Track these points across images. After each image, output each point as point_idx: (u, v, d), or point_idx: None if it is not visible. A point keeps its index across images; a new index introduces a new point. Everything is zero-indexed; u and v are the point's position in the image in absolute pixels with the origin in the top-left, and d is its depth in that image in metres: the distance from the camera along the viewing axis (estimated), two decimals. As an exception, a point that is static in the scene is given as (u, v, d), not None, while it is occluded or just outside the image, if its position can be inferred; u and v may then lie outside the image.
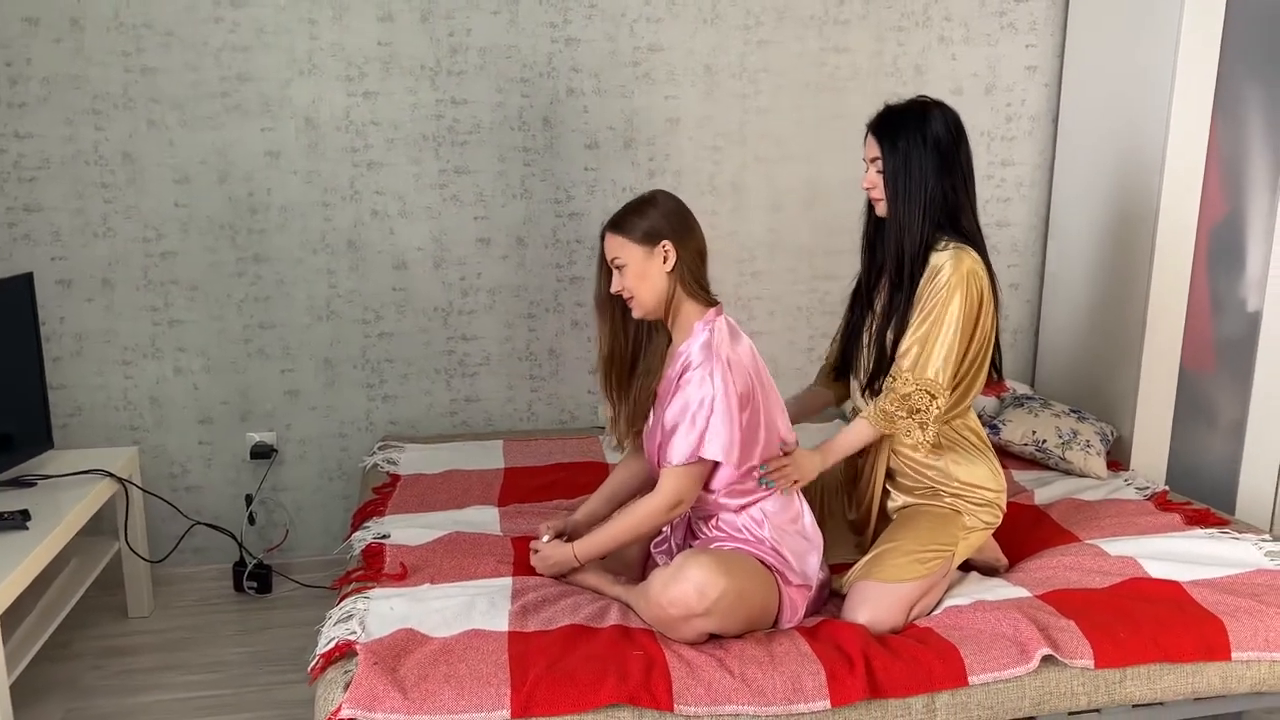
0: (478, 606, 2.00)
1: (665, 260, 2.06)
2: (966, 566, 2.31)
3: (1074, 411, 3.02)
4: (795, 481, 2.12)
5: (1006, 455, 2.99)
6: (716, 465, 2.07)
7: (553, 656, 1.83)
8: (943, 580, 2.15)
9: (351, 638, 1.88)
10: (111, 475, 2.72)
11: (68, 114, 2.91)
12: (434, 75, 3.07)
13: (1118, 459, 3.05)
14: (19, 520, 2.35)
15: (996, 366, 2.30)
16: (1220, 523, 2.49)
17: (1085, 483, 2.81)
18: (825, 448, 2.20)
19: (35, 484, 2.62)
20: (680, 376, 2.06)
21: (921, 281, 2.16)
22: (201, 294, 3.07)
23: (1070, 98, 3.34)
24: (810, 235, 3.37)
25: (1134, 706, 2.00)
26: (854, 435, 2.21)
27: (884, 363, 2.22)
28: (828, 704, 1.81)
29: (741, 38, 3.20)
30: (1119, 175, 3.10)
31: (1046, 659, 1.92)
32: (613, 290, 2.12)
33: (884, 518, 2.33)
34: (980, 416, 3.12)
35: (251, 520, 3.21)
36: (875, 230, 2.31)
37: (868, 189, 2.24)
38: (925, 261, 2.16)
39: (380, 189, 3.10)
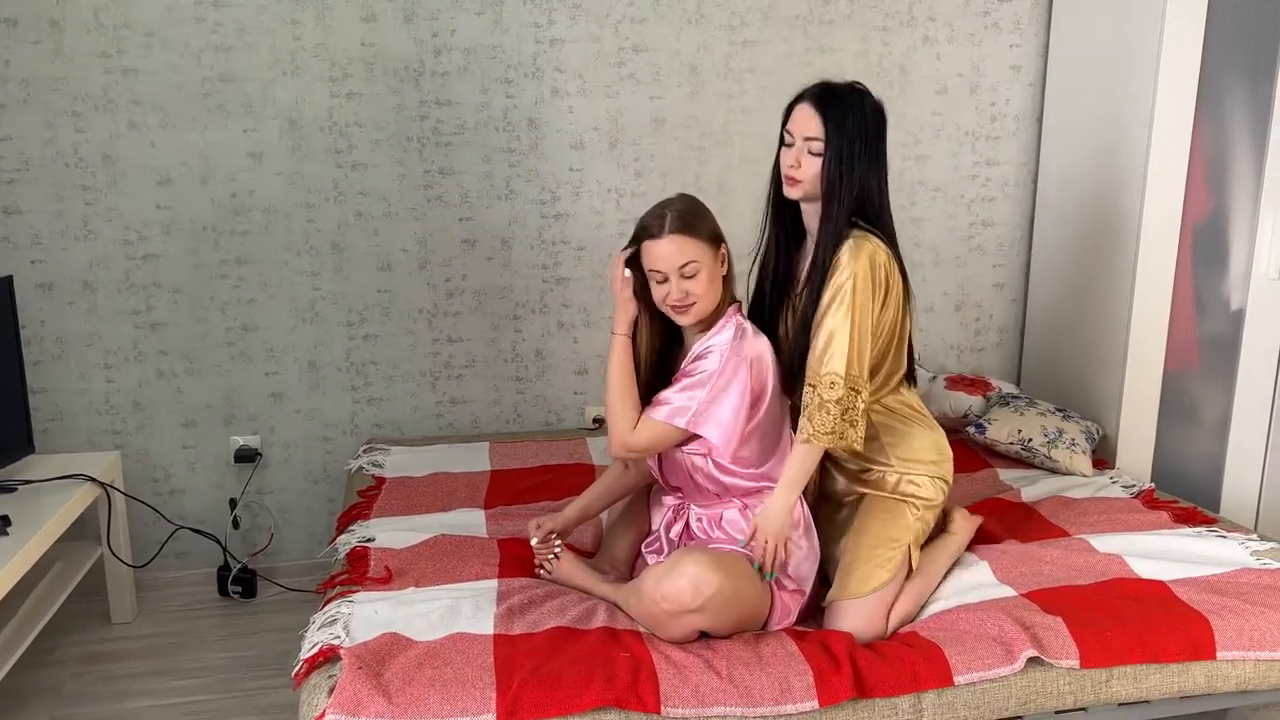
0: (463, 609, 1.99)
1: (723, 263, 2.05)
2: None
3: (1059, 410, 3.03)
4: (781, 546, 2.02)
5: (992, 454, 3.00)
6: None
7: (538, 659, 1.82)
8: (916, 584, 2.14)
9: (336, 642, 1.87)
10: (93, 480, 2.70)
11: (47, 116, 2.88)
12: (418, 76, 3.05)
13: (1103, 457, 3.06)
14: (-1, 526, 2.33)
15: (910, 370, 2.23)
16: (1208, 521, 2.50)
17: (1071, 481, 2.81)
18: (780, 491, 2.04)
19: (16, 489, 2.59)
20: (698, 357, 2.04)
21: (829, 272, 2.05)
22: (184, 296, 3.05)
23: (1054, 97, 3.35)
24: (796, 235, 3.37)
25: (1120, 705, 2.01)
26: (802, 462, 2.04)
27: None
28: (815, 704, 1.81)
29: (726, 38, 3.20)
30: (1103, 174, 3.11)
31: (1033, 659, 1.92)
32: (674, 299, 2.01)
33: (825, 499, 2.28)
34: (966, 415, 3.14)
35: (236, 524, 3.19)
36: (787, 212, 2.18)
37: (791, 167, 2.07)
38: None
39: (364, 190, 3.09)
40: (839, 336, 2.02)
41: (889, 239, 2.11)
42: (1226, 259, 3.05)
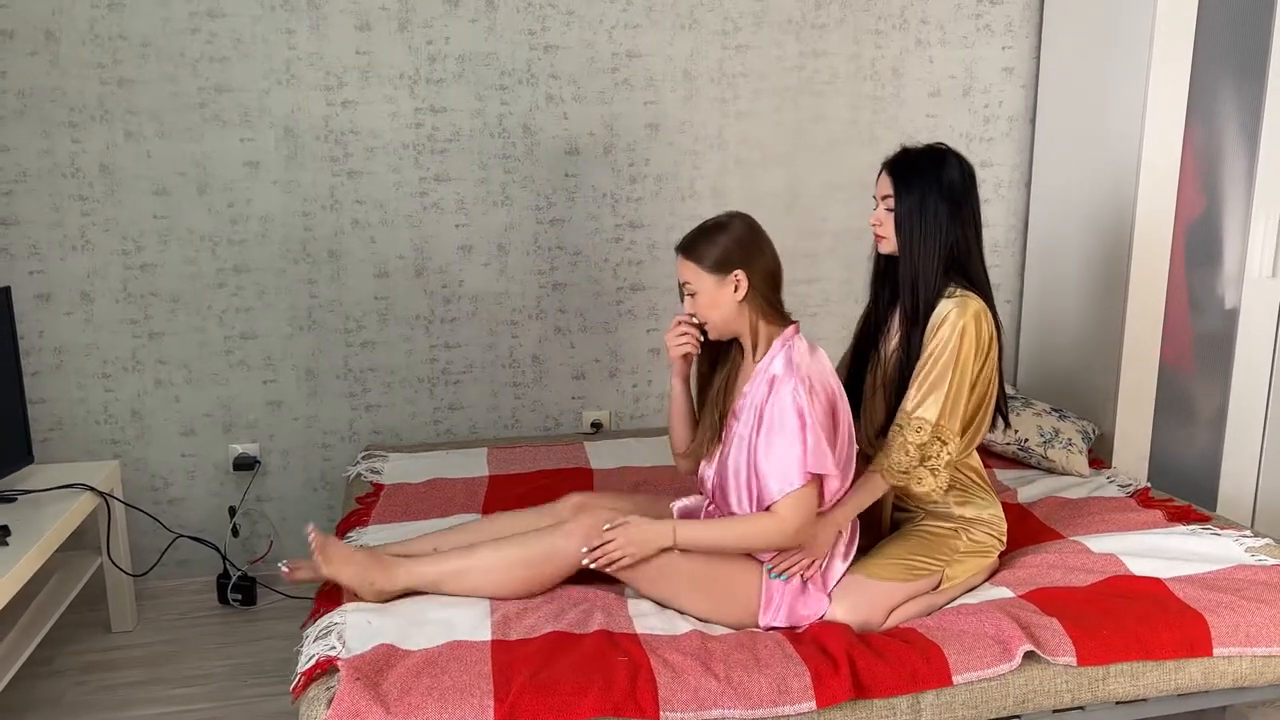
0: (459, 617, 1.99)
1: (737, 289, 2.05)
2: None
3: (1055, 410, 3.04)
4: (812, 563, 2.07)
5: (989, 455, 3.00)
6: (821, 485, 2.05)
7: (536, 665, 1.82)
8: (928, 596, 2.15)
9: (332, 653, 1.86)
10: (93, 489, 2.70)
11: (44, 126, 2.89)
12: (413, 83, 3.06)
13: (1100, 457, 3.06)
14: (-1, 536, 2.33)
15: (1003, 413, 2.29)
16: (1201, 519, 2.51)
17: (1068, 481, 2.82)
18: (834, 512, 2.11)
19: (15, 499, 2.59)
20: (767, 399, 2.03)
21: (928, 329, 2.14)
22: (182, 306, 3.06)
23: (1047, 98, 3.37)
24: (791, 238, 3.38)
25: (1117, 703, 2.01)
26: (867, 493, 2.15)
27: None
28: (813, 705, 1.81)
29: (720, 42, 3.21)
30: (1096, 174, 3.13)
31: (1030, 657, 1.93)
32: (686, 311, 2.11)
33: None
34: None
35: (235, 532, 3.19)
36: (884, 270, 2.29)
37: (874, 225, 2.22)
38: (934, 305, 2.15)
39: (360, 198, 3.10)
40: (938, 388, 2.10)
41: (988, 300, 2.18)
42: (1220, 258, 3.06)
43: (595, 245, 3.26)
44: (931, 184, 2.14)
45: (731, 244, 2.05)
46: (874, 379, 2.29)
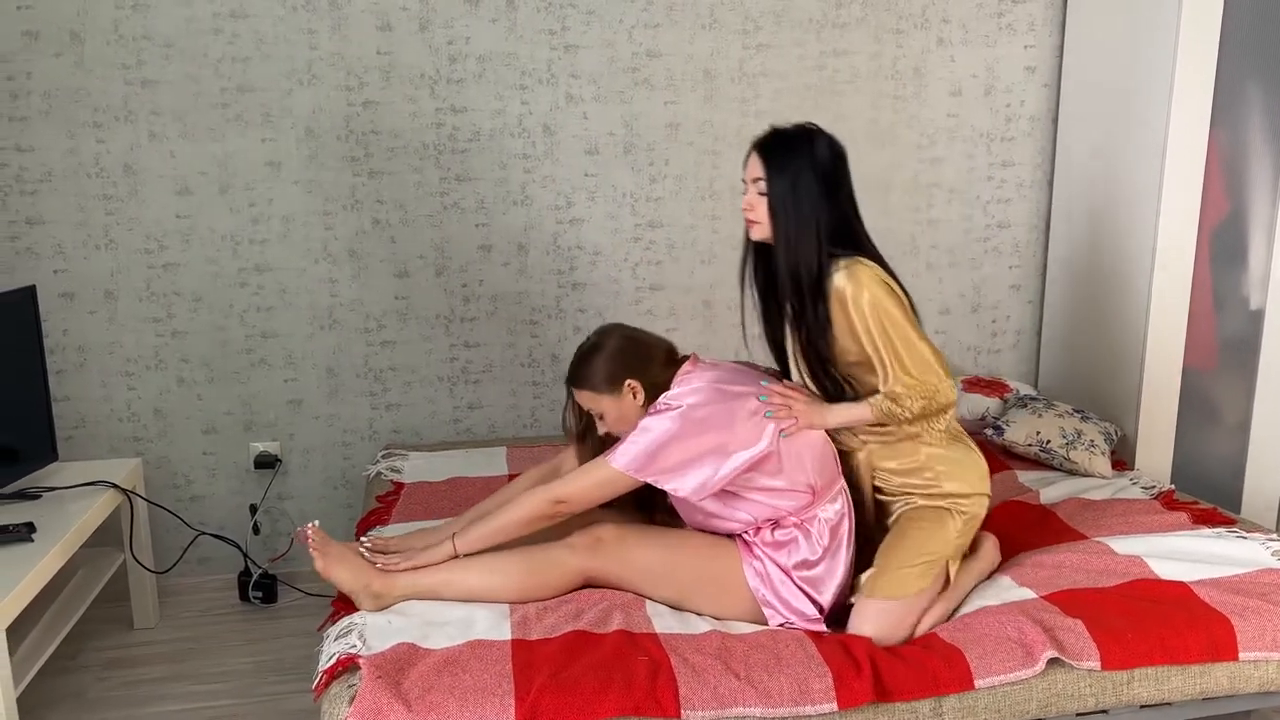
0: (479, 616, 2.00)
1: (635, 396, 2.09)
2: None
3: (1078, 412, 3.02)
4: (793, 422, 2.05)
5: (1010, 456, 2.99)
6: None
7: (557, 665, 1.82)
8: (943, 601, 2.13)
9: (354, 652, 1.87)
10: (116, 487, 2.72)
11: (69, 127, 2.92)
12: (433, 84, 3.07)
13: (1122, 459, 3.04)
14: (24, 533, 2.35)
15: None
16: (1227, 521, 2.48)
17: (1090, 482, 2.80)
18: (830, 410, 2.13)
19: (40, 496, 2.62)
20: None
21: (833, 308, 2.08)
22: (204, 305, 3.08)
23: (1069, 98, 3.34)
24: (811, 238, 3.37)
25: (1142, 707, 2.00)
26: (856, 414, 2.13)
27: (835, 392, 2.16)
28: (834, 707, 1.81)
29: (740, 42, 3.21)
30: (1119, 174, 3.10)
31: (1053, 661, 1.92)
32: (601, 433, 2.16)
33: (884, 530, 2.30)
34: (983, 418, 3.13)
35: (256, 530, 3.21)
36: (758, 258, 2.23)
37: (745, 210, 2.14)
38: (824, 286, 2.08)
39: (381, 198, 3.11)
40: (899, 350, 2.06)
41: (876, 259, 2.13)
42: (1245, 258, 3.03)
43: (615, 245, 3.26)
44: (804, 163, 2.07)
45: (610, 361, 2.09)
46: (800, 373, 2.23)
